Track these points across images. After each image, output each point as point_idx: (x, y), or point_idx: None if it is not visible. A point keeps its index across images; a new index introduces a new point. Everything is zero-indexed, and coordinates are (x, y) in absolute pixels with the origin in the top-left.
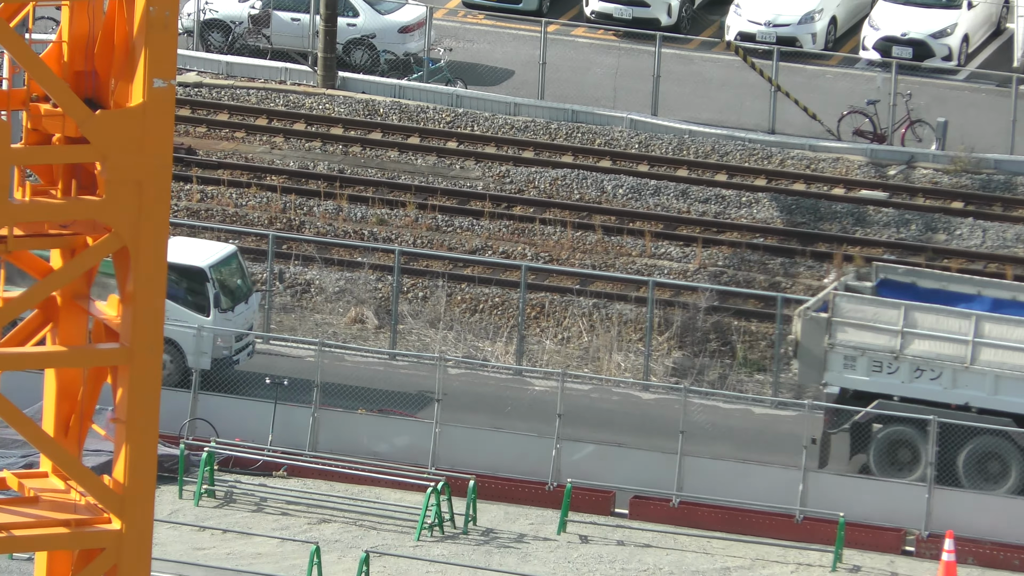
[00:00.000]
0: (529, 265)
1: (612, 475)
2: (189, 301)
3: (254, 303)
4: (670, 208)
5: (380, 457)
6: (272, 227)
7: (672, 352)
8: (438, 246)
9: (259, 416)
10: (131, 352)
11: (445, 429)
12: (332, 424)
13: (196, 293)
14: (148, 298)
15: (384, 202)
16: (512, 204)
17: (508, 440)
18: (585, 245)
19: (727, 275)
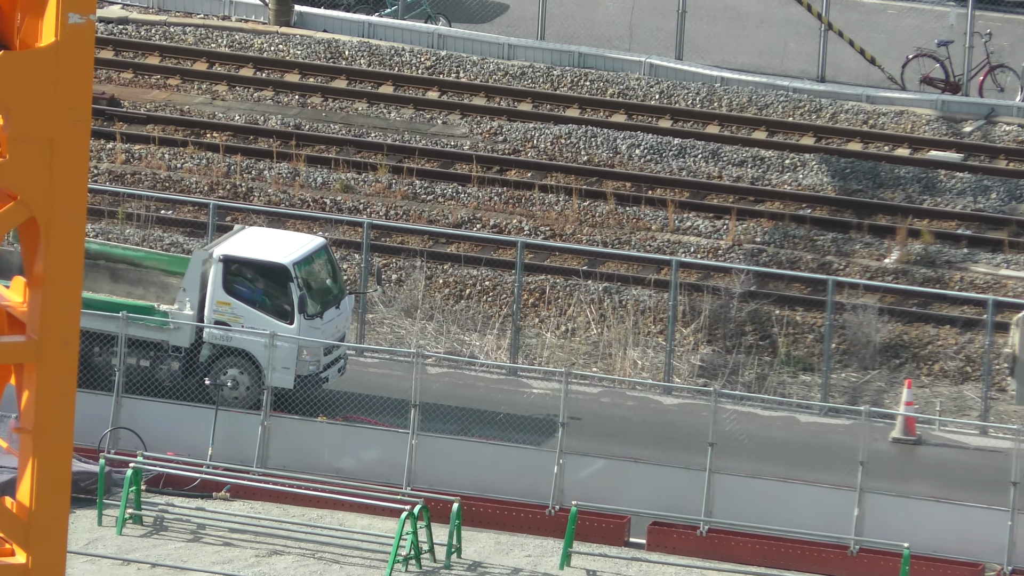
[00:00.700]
0: (526, 241)
1: (626, 497)
2: (268, 306)
3: (347, 308)
4: (698, 172)
5: (344, 475)
6: (213, 195)
7: (700, 347)
8: (415, 218)
9: (196, 425)
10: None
11: (424, 441)
12: (286, 435)
13: (277, 296)
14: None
15: (350, 165)
16: (506, 167)
17: (500, 454)
18: (594, 217)
19: (767, 254)
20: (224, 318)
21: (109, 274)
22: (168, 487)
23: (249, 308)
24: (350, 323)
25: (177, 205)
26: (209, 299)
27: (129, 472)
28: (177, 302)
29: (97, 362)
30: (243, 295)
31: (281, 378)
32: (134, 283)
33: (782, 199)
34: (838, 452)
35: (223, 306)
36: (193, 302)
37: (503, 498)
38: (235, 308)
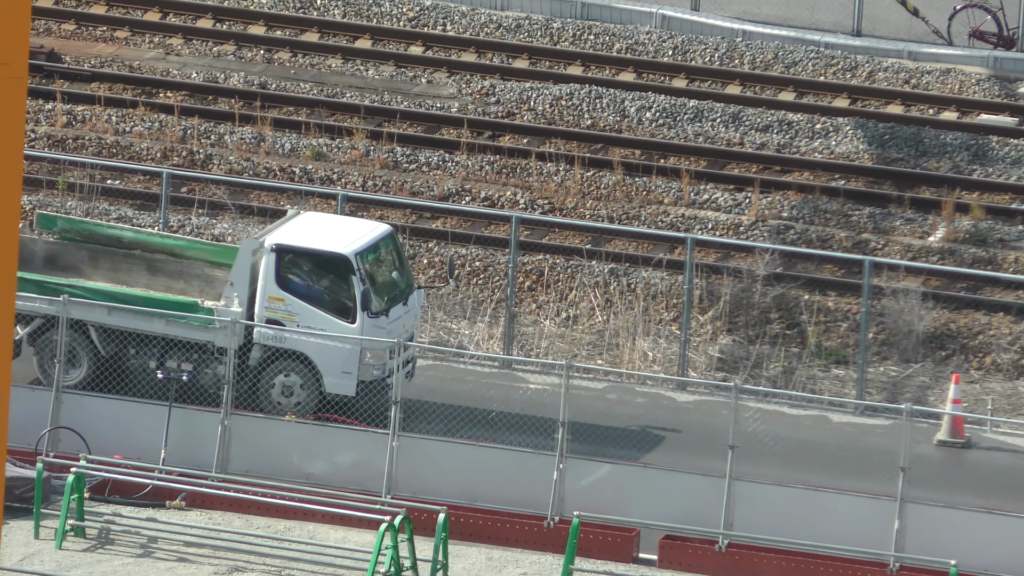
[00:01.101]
0: (522, 216)
1: (635, 507)
2: (327, 302)
3: (416, 304)
4: (716, 139)
5: (316, 481)
6: (167, 162)
7: (719, 337)
8: (396, 190)
9: (147, 424)
10: None
11: (406, 443)
12: (249, 436)
13: (337, 291)
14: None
15: (322, 129)
16: (499, 133)
17: (493, 458)
18: (599, 189)
19: (794, 231)
20: (277, 316)
21: (146, 266)
22: (115, 495)
23: (305, 305)
24: (419, 321)
25: (126, 174)
26: (260, 295)
27: (70, 478)
28: (223, 298)
29: (132, 366)
30: (298, 290)
31: (341, 384)
32: (174, 276)
33: (812, 169)
34: (876, 456)
35: (276, 302)
36: (242, 298)
37: (496, 508)
38: (289, 305)
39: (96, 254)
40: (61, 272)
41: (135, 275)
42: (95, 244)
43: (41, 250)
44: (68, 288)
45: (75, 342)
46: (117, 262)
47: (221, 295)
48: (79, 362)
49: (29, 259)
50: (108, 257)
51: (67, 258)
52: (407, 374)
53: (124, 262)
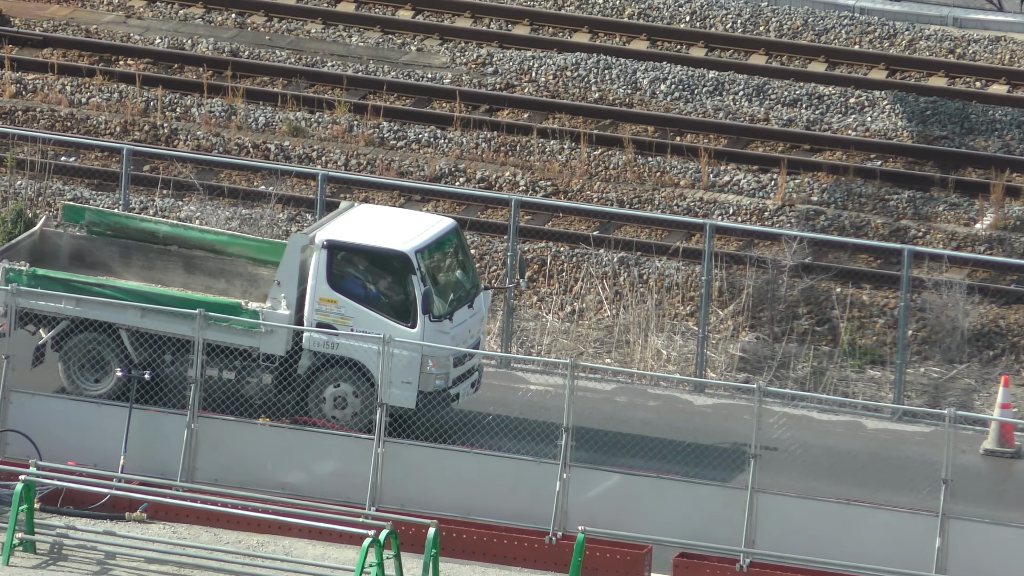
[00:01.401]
0: (522, 199)
1: (647, 521)
2: (384, 304)
3: (482, 307)
4: (739, 114)
5: (292, 492)
6: (127, 138)
7: (740, 334)
8: (383, 169)
9: (105, 427)
10: None
11: (393, 449)
12: (219, 441)
13: (395, 292)
14: None
15: (300, 101)
16: (496, 107)
17: (488, 466)
18: (608, 170)
19: (825, 217)
20: (329, 320)
21: (183, 263)
22: (69, 505)
23: (360, 307)
24: (486, 325)
25: (82, 150)
26: (310, 296)
27: (19, 487)
28: (269, 299)
29: (168, 374)
30: (353, 291)
31: (400, 395)
32: (215, 274)
33: (845, 148)
34: (915, 467)
35: (327, 304)
36: (290, 299)
37: (491, 522)
38: (342, 307)
39: (128, 250)
40: (89, 270)
41: (171, 273)
42: (127, 239)
43: (67, 245)
44: (97, 288)
45: (104, 348)
46: (151, 259)
47: (266, 296)
48: (108, 370)
49: (54, 255)
50: (141, 253)
51: (96, 254)
52: (472, 384)
53: (159, 259)
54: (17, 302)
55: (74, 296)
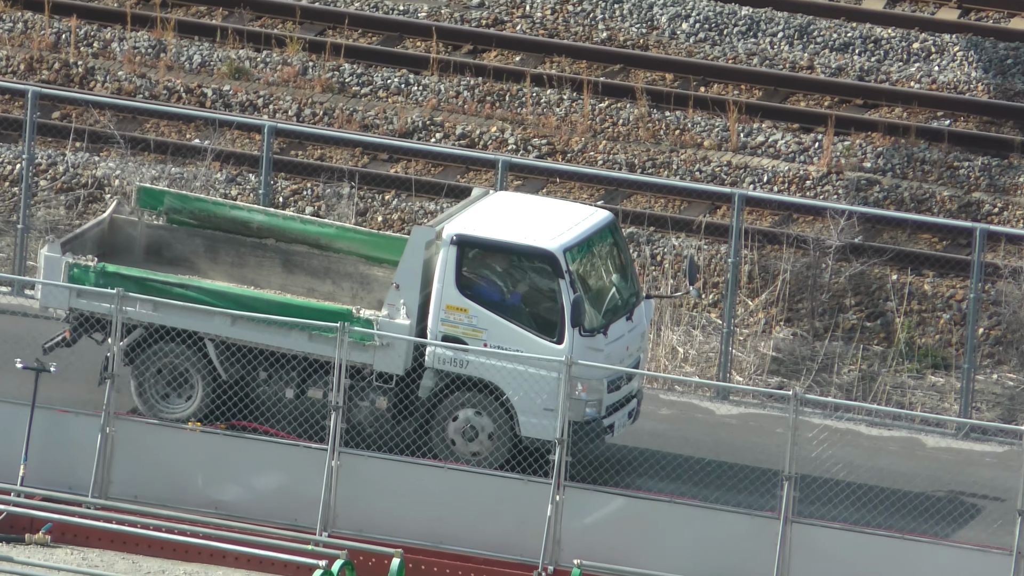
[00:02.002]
0: (512, 161)
1: (657, 554)
2: (525, 314)
3: (643, 319)
4: (776, 59)
5: (227, 511)
6: (33, 77)
7: (774, 329)
8: (343, 121)
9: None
10: None
11: (350, 462)
12: (139, 448)
13: (538, 299)
14: None
15: (245, 37)
16: (482, 47)
17: (465, 485)
18: (616, 126)
19: (881, 187)
20: (457, 332)
21: (281, 260)
22: None
23: (496, 317)
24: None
25: None
26: (435, 302)
27: None
28: (386, 305)
29: (262, 393)
30: (487, 297)
31: (542, 426)
32: (319, 274)
33: (906, 103)
34: (985, 494)
35: (456, 313)
36: (411, 306)
37: (468, 552)
38: (474, 317)
39: (215, 243)
40: (169, 266)
41: (267, 272)
42: (214, 229)
43: (143, 236)
44: (179, 289)
45: (187, 361)
46: (243, 254)
47: (382, 302)
48: (192, 387)
49: (127, 248)
50: (231, 247)
51: (177, 247)
52: (629, 414)
53: (252, 254)
54: (82, 304)
55: (151, 299)
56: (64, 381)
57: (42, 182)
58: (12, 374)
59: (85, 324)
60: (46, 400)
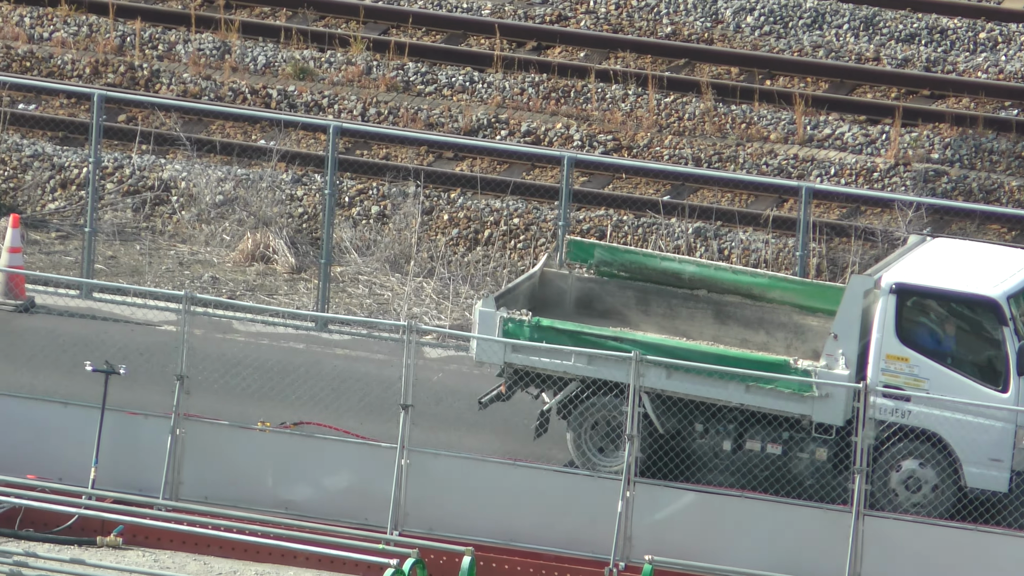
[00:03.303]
0: (577, 157)
1: (728, 549)
2: (967, 362)
3: None
4: (841, 51)
5: (297, 512)
6: (99, 81)
7: None
8: (407, 120)
9: (72, 433)
10: None
11: (420, 461)
12: (209, 450)
13: (981, 347)
14: None
15: (309, 37)
16: (546, 43)
17: (535, 482)
18: (682, 121)
19: (949, 178)
20: (898, 381)
21: (712, 311)
22: (28, 528)
23: (937, 366)
24: None
25: (44, 96)
26: (874, 351)
27: None
28: (824, 355)
29: (700, 446)
30: (928, 345)
31: (986, 477)
32: (750, 325)
33: (973, 94)
34: None
35: (897, 363)
36: (849, 356)
37: (539, 549)
38: (915, 366)
39: (645, 295)
40: (600, 319)
41: (698, 323)
42: (644, 281)
43: (573, 289)
44: (613, 341)
45: (621, 415)
46: (674, 306)
47: (818, 352)
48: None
49: (557, 301)
50: (662, 299)
51: (607, 300)
52: None
53: (683, 306)
54: (517, 358)
55: (586, 351)
56: (133, 383)
57: (108, 185)
58: (82, 377)
59: (520, 378)
60: (116, 403)
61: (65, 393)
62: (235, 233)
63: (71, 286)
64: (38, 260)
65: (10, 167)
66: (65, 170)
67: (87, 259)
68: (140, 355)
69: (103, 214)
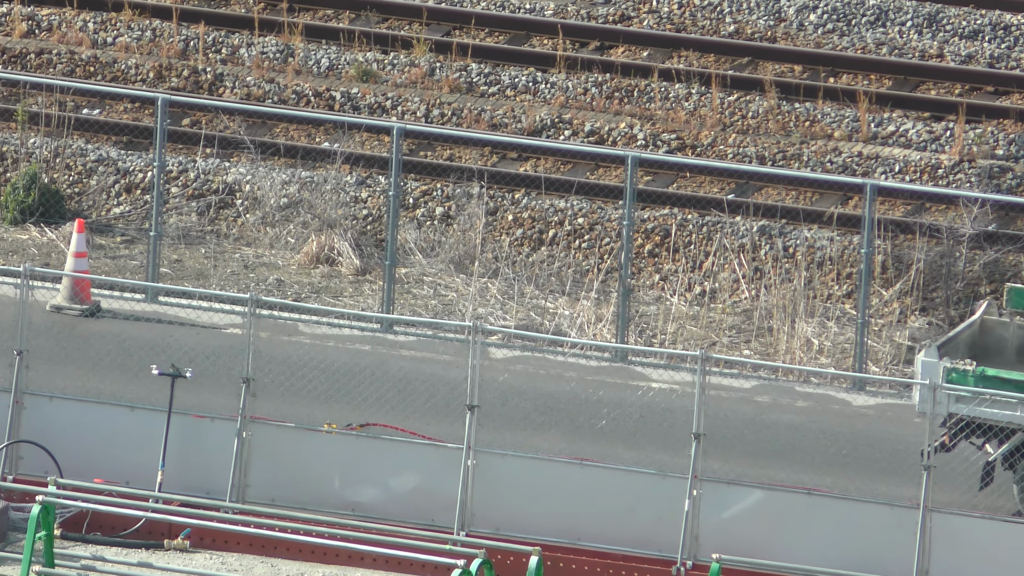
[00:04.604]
0: (641, 156)
1: (795, 547)
2: None
3: None
4: (906, 49)
5: (365, 513)
6: (163, 85)
7: (909, 318)
8: (471, 121)
9: (139, 437)
10: None
11: (486, 461)
12: (275, 452)
13: None
14: None
15: (371, 39)
16: (609, 43)
17: (601, 482)
18: (746, 119)
19: (1014, 174)
20: None
21: None
22: (95, 531)
23: None
24: None
25: (108, 100)
26: None
27: (35, 509)
28: None
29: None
30: None
31: None
32: None
33: None
34: None
35: None
36: None
37: (605, 549)
38: None
39: None
40: None
41: None
42: None
43: (1015, 337)
44: None
45: None
46: None
47: None
48: None
49: (998, 350)
50: None
51: None
52: None
53: None
54: (961, 409)
55: None
56: (200, 387)
57: (173, 189)
58: (148, 380)
59: (965, 429)
60: (182, 406)
61: (132, 397)
62: (300, 235)
63: (137, 290)
64: (103, 265)
65: (75, 172)
66: (130, 174)
67: (152, 263)
68: (206, 358)
69: (168, 218)
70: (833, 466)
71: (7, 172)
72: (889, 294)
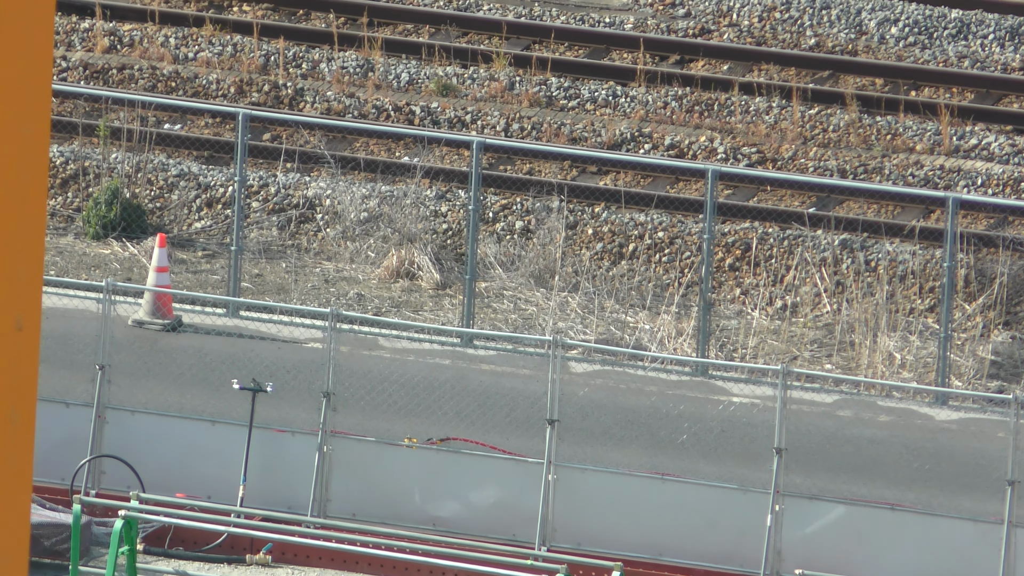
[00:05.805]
0: (721, 170)
1: (879, 562)
2: None
3: None
4: (988, 62)
5: (445, 527)
6: (243, 100)
7: (993, 332)
8: (551, 134)
9: (220, 451)
10: None
11: (567, 476)
12: (356, 467)
13: None
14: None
15: (452, 54)
16: (689, 56)
17: (682, 497)
18: (826, 132)
19: None
20: None
21: None
22: (178, 546)
23: None
24: None
25: (189, 116)
26: None
27: (118, 524)
28: None
29: None
30: None
31: None
32: None
33: None
34: None
35: None
36: None
37: (687, 564)
38: None
39: None
40: None
41: None
42: None
43: None
44: None
45: None
46: None
47: None
48: None
49: None
50: None
51: None
52: None
53: None
54: None
55: None
56: (280, 401)
57: (254, 204)
58: (229, 395)
59: None
60: (263, 420)
61: (213, 411)
62: (380, 250)
63: (218, 304)
64: (185, 279)
65: (156, 187)
66: (211, 189)
67: (233, 277)
68: (287, 372)
69: (249, 232)
70: (916, 481)
71: (89, 187)
72: (972, 308)
